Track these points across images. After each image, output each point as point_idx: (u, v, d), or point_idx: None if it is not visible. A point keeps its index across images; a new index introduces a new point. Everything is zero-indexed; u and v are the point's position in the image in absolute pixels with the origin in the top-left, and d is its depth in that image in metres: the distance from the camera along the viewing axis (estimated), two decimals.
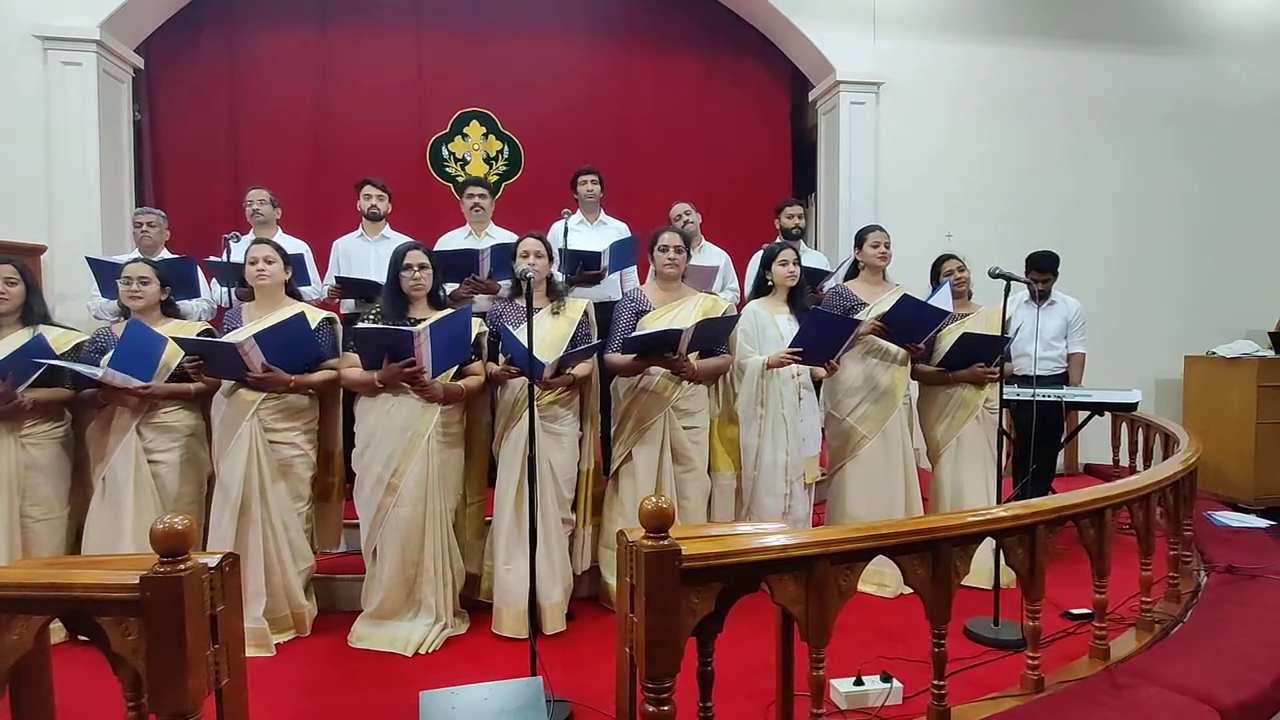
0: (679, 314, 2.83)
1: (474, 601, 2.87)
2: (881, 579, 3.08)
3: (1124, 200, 5.45)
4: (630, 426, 2.84)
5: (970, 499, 3.16)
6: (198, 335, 2.64)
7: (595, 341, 2.83)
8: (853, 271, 3.32)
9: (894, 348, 3.12)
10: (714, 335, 2.82)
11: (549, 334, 2.76)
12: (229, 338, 2.57)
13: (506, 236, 3.74)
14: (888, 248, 3.20)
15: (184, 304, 3.35)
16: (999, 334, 2.99)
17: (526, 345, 2.28)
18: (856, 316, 3.03)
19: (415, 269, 2.65)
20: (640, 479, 2.82)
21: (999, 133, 5.28)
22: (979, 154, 5.25)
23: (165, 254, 3.71)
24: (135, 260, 2.82)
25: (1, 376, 2.49)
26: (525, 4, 5.11)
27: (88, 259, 3.48)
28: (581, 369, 2.78)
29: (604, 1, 5.20)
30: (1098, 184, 5.41)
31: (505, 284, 3.34)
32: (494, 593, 2.75)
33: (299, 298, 2.85)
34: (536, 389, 2.58)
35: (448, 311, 2.67)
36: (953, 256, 3.34)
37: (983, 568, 3.07)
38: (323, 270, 3.89)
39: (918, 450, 3.47)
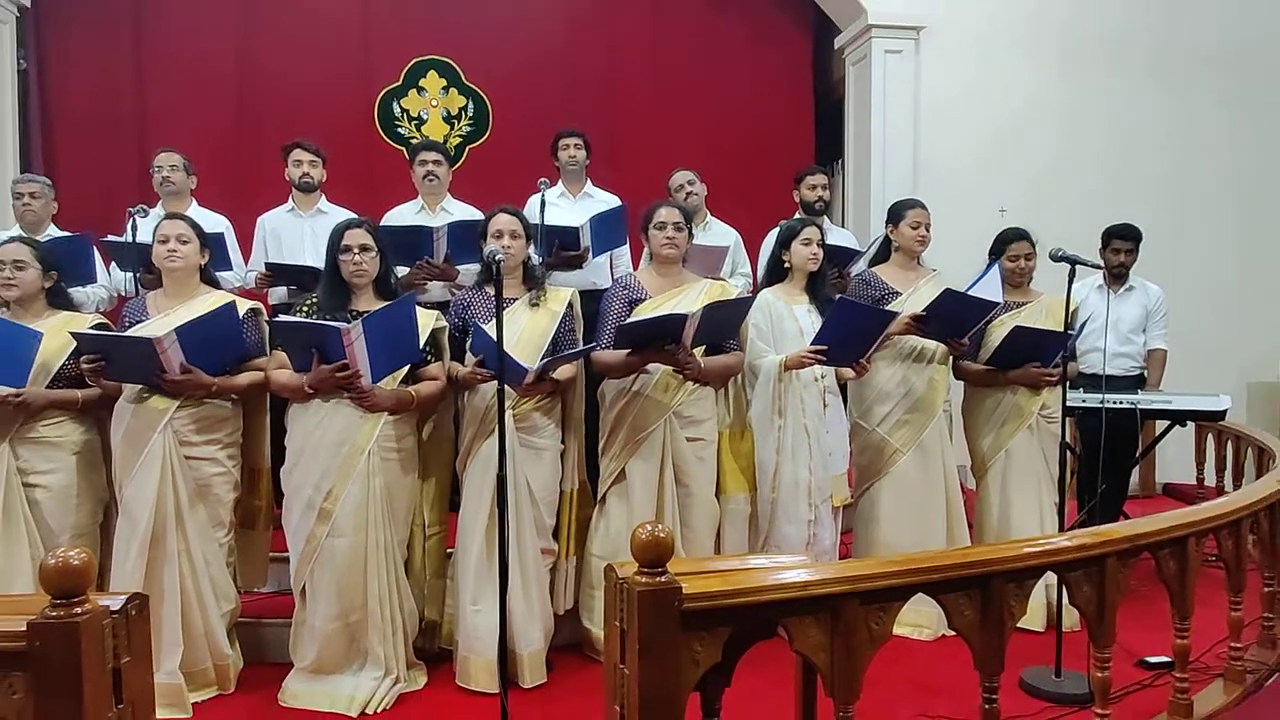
0: (680, 303, 2.83)
1: (432, 652, 2.86)
2: (918, 618, 3.09)
3: (1227, 171, 5.36)
4: (622, 438, 2.84)
5: (1021, 524, 3.18)
6: (90, 329, 2.62)
7: (582, 342, 2.84)
8: (882, 254, 3.33)
9: (932, 344, 3.13)
10: (724, 325, 2.82)
11: (527, 330, 2.76)
12: (143, 332, 2.55)
13: (466, 212, 3.74)
14: (929, 230, 3.21)
15: (78, 292, 3.32)
16: (1061, 327, 3.00)
17: (499, 342, 2.28)
18: (888, 309, 3.03)
19: (355, 251, 2.64)
20: (635, 502, 2.82)
21: (1072, 88, 5.23)
22: (1047, 114, 5.21)
23: (53, 231, 3.67)
24: (10, 240, 2.79)
25: None
26: None
27: None
28: (564, 371, 2.78)
29: None
30: (1193, 151, 5.31)
31: (471, 269, 3.34)
32: (459, 639, 2.74)
33: (216, 284, 2.83)
34: (510, 394, 2.58)
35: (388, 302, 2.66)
36: (1024, 238, 3.29)
37: (1040, 608, 3.10)
38: (246, 251, 3.87)
39: (961, 468, 3.48)
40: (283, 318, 2.58)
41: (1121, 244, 3.83)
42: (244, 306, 2.73)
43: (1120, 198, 5.19)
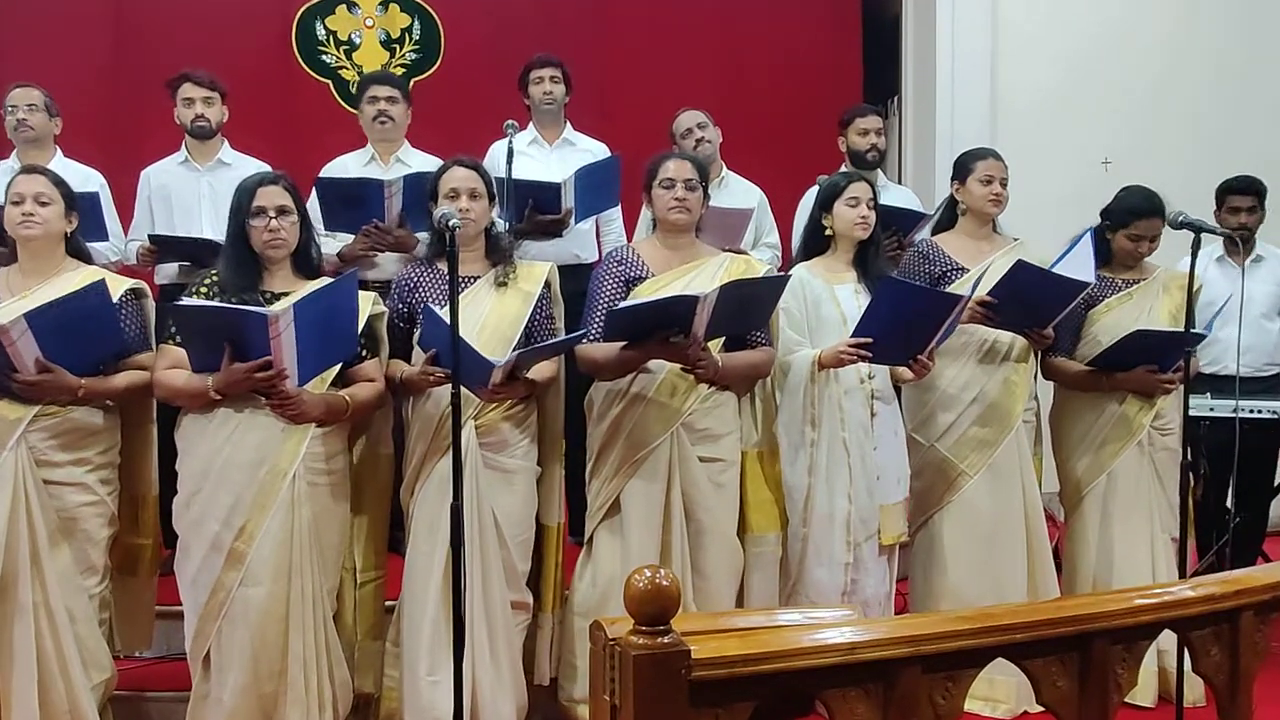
0: (693, 283, 2.83)
1: None
2: (993, 690, 3.10)
3: None
4: (615, 457, 2.85)
5: (1126, 568, 3.17)
6: None
7: (564, 332, 2.84)
8: (948, 218, 3.34)
9: (1008, 337, 3.14)
10: (749, 310, 2.82)
11: (492, 316, 2.77)
12: None
13: (429, 165, 3.73)
14: (1004, 185, 3.21)
15: None
16: (1180, 309, 3.00)
17: (454, 330, 2.28)
18: (952, 289, 3.04)
19: (272, 214, 2.64)
20: (632, 541, 2.82)
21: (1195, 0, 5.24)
22: (1162, 33, 5.18)
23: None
24: None
25: None
26: None
27: None
28: (541, 369, 2.78)
29: None
30: None
31: (422, 238, 3.34)
32: (407, 717, 2.75)
33: (87, 258, 2.82)
34: (471, 399, 2.59)
35: (323, 281, 2.65)
36: (1158, 213, 3.14)
37: (1151, 677, 3.08)
38: (126, 216, 3.88)
39: (1049, 495, 3.49)
40: (185, 301, 2.56)
41: (1240, 200, 3.82)
42: (123, 286, 2.73)
43: (1240, 133, 5.11)
